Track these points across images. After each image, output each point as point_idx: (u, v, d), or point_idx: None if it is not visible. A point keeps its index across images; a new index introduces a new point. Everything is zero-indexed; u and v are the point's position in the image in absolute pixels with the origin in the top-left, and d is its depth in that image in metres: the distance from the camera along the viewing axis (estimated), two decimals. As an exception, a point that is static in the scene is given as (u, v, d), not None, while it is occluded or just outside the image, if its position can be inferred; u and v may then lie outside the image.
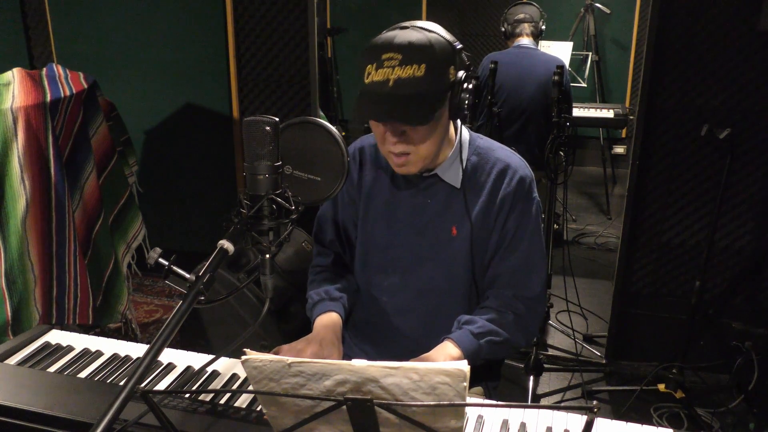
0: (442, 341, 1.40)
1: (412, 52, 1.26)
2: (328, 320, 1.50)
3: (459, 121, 1.46)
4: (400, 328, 1.54)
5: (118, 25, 3.37)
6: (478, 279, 1.49)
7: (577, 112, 4.01)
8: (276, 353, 1.39)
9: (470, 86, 1.32)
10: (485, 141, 1.50)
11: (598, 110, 4.32)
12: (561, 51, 4.10)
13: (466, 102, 1.33)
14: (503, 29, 3.47)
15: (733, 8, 2.37)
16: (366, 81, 1.29)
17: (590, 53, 4.95)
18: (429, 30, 1.31)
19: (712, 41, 2.43)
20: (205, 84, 3.34)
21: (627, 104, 5.28)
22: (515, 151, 1.52)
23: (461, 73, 1.32)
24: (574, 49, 4.43)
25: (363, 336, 1.61)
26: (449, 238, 1.46)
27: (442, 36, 1.31)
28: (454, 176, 1.45)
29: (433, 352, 1.38)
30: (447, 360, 1.35)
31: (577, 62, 4.86)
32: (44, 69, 2.39)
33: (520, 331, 1.45)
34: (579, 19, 5.07)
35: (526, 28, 3.38)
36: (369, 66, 1.28)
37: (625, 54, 5.37)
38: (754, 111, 2.46)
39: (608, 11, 4.98)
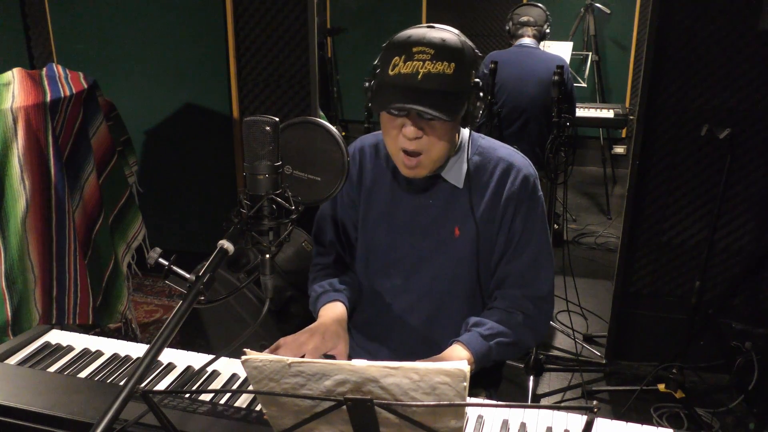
0: (451, 344, 1.39)
1: (444, 49, 1.27)
2: (333, 310, 1.48)
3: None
4: (402, 329, 1.53)
5: (118, 24, 3.37)
6: (482, 279, 1.48)
7: (577, 112, 4.02)
8: (278, 346, 1.38)
9: (482, 95, 1.33)
10: (487, 140, 1.50)
11: (598, 110, 4.33)
12: (561, 51, 4.10)
13: (480, 111, 1.34)
14: (507, 28, 3.48)
15: (733, 8, 2.37)
16: (390, 72, 1.29)
17: (590, 53, 4.95)
18: (458, 33, 1.33)
19: (712, 41, 2.43)
20: (205, 84, 3.34)
21: (627, 104, 5.27)
22: (516, 150, 1.52)
23: (478, 80, 1.33)
24: (574, 49, 4.43)
25: (365, 336, 1.60)
26: (452, 239, 1.45)
27: (469, 41, 1.34)
28: (456, 176, 1.44)
29: (443, 356, 1.37)
30: None
31: (577, 62, 4.86)
32: (44, 69, 2.39)
33: (529, 331, 1.44)
34: (579, 19, 5.07)
35: (529, 31, 3.39)
36: (396, 58, 1.28)
37: (625, 54, 5.37)
38: (754, 111, 2.45)
39: (608, 11, 4.98)
